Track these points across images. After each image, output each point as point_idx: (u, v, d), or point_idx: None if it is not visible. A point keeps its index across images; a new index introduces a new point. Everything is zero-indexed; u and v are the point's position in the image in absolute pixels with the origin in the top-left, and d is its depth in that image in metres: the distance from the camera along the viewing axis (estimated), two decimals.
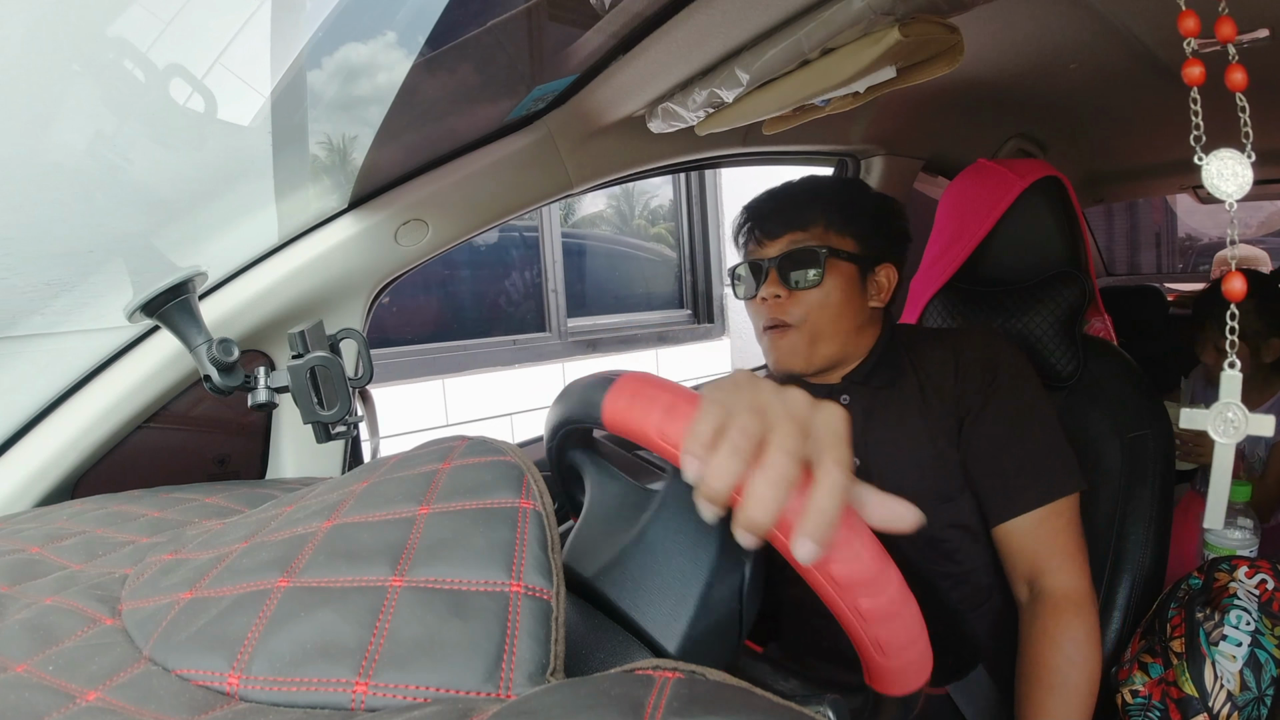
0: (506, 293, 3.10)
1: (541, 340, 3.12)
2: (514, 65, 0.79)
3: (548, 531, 0.37)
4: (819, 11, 0.67)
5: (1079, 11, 0.97)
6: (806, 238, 0.93)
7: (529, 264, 3.13)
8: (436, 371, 2.77)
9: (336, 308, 0.86)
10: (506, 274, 3.10)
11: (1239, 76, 0.45)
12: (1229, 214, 0.46)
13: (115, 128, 0.62)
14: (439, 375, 2.77)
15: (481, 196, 0.91)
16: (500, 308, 3.08)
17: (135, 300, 0.64)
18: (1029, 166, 1.10)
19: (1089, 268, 1.11)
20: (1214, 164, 0.45)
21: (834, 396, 0.97)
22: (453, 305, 2.95)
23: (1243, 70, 0.45)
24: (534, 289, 3.14)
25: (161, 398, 0.78)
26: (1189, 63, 0.45)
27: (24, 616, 0.38)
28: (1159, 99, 1.30)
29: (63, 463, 0.73)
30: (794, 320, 0.93)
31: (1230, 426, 0.42)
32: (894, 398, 0.94)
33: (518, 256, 3.12)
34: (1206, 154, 0.45)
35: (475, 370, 2.87)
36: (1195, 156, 0.45)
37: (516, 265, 3.12)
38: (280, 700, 0.31)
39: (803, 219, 0.94)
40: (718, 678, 0.26)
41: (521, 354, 3.03)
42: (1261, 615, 0.81)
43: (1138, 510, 0.99)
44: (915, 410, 0.93)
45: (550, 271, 3.14)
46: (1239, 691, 0.78)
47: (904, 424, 0.92)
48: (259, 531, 0.41)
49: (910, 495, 0.89)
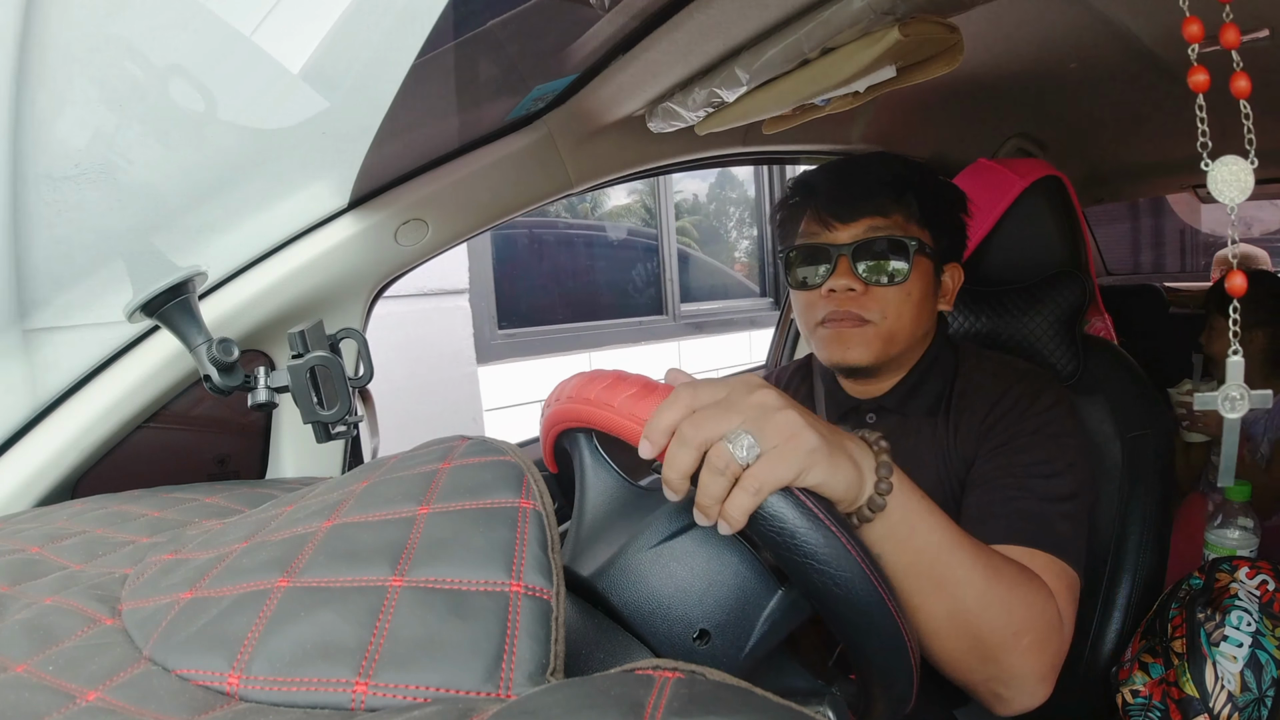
0: (633, 281, 3.92)
1: (660, 322, 3.91)
2: (514, 65, 0.79)
3: (548, 531, 0.37)
4: (819, 11, 0.67)
5: (1079, 11, 0.97)
6: (888, 226, 0.82)
7: (649, 258, 3.96)
8: (581, 346, 3.52)
9: (336, 308, 0.86)
10: (632, 265, 3.94)
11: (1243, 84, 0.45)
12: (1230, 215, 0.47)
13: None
14: (585, 350, 3.54)
15: (481, 196, 0.91)
16: (628, 294, 3.89)
17: (135, 300, 0.64)
18: (1029, 166, 1.10)
19: (1089, 267, 1.11)
20: (1219, 170, 0.45)
21: (861, 415, 0.92)
22: (592, 290, 3.77)
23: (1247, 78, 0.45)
24: (654, 278, 3.95)
25: (161, 398, 0.78)
26: (1194, 70, 0.45)
27: (24, 616, 0.38)
28: (1159, 98, 1.30)
29: (63, 463, 0.73)
30: (873, 317, 0.82)
31: (1235, 404, 0.49)
32: (926, 429, 0.88)
33: (641, 250, 3.95)
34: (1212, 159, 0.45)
35: (610, 346, 3.63)
36: (1202, 163, 0.45)
37: (640, 258, 3.95)
38: (280, 700, 0.31)
39: (882, 204, 0.83)
40: (718, 678, 0.26)
41: (644, 333, 3.80)
42: (1262, 616, 0.81)
43: (1138, 510, 0.99)
44: (944, 446, 0.86)
45: (667, 264, 3.93)
46: (1240, 692, 0.78)
47: (929, 460, 0.86)
48: (259, 531, 0.41)
49: None
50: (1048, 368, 1.04)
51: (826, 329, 0.84)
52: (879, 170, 0.86)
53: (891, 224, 0.82)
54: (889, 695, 0.50)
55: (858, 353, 0.83)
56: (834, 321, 0.83)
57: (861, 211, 0.83)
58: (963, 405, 0.86)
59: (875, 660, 0.48)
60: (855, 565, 0.45)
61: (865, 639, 0.47)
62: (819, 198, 0.85)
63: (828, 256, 0.83)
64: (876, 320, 0.82)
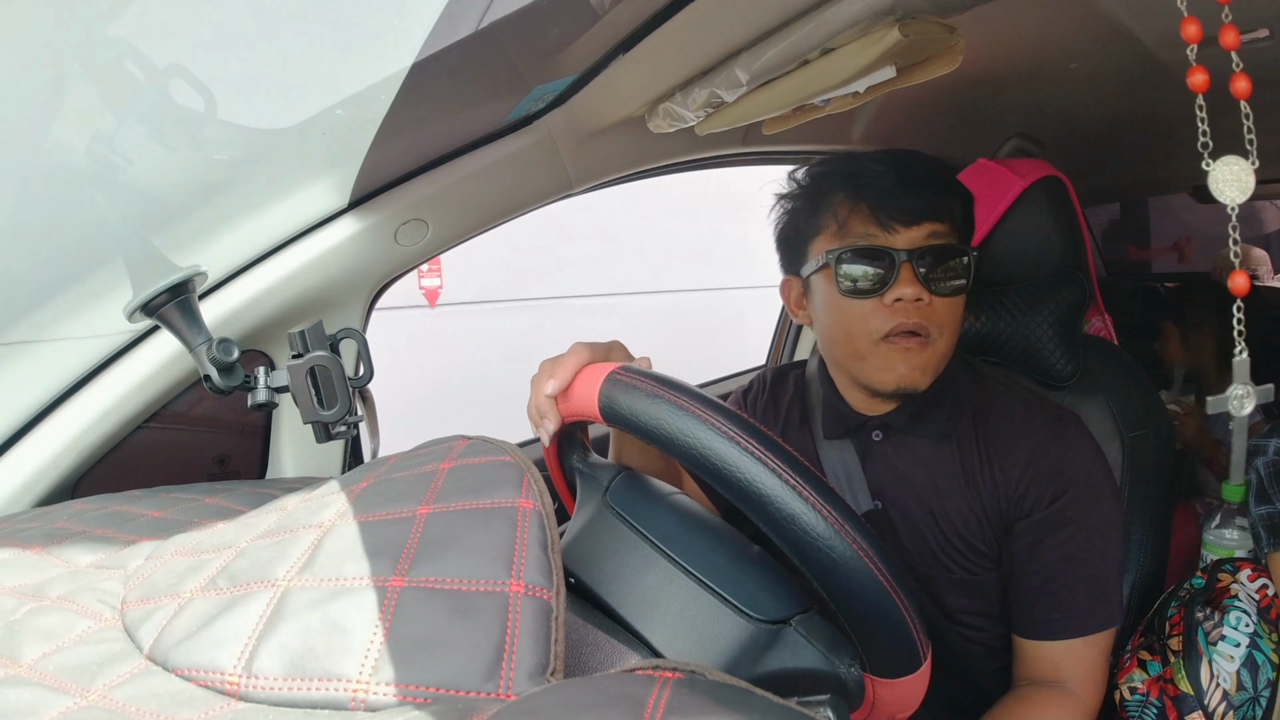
0: None
1: None
2: (514, 65, 0.79)
3: (548, 531, 0.37)
4: (819, 11, 0.67)
5: (1079, 12, 0.97)
6: (945, 232, 0.76)
7: None
8: None
9: (336, 308, 0.86)
10: None
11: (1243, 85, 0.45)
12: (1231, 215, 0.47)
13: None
14: None
15: (481, 196, 0.91)
16: None
17: (135, 300, 0.64)
18: (1029, 166, 1.09)
19: (1089, 267, 1.11)
20: (1220, 170, 0.45)
21: (866, 431, 0.84)
22: None
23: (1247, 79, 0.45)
24: None
25: (161, 398, 0.78)
26: (1193, 70, 0.45)
27: (24, 616, 0.38)
28: (1159, 99, 1.30)
29: (63, 463, 0.73)
30: (934, 330, 0.75)
31: (1242, 402, 0.51)
32: (940, 459, 0.81)
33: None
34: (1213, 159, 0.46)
35: None
36: (1203, 163, 0.45)
37: None
38: (280, 700, 0.31)
39: (941, 209, 0.76)
40: (718, 678, 0.26)
41: None
42: (1260, 620, 0.81)
43: (1138, 510, 0.99)
44: (961, 482, 0.80)
45: None
46: (1235, 691, 0.78)
47: (943, 494, 0.81)
48: (259, 532, 0.41)
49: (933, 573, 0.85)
50: (1047, 368, 1.04)
51: (892, 345, 0.75)
52: (940, 172, 0.80)
53: (947, 230, 0.77)
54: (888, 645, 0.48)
55: (922, 375, 0.76)
56: (903, 337, 0.75)
57: (924, 214, 0.75)
58: (995, 441, 0.81)
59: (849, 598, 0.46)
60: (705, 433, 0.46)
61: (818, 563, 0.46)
62: (873, 193, 0.76)
63: (890, 262, 0.74)
64: (936, 336, 0.76)
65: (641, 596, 0.51)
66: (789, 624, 0.49)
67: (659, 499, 0.57)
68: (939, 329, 0.76)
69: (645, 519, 0.55)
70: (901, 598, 0.46)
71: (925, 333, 0.75)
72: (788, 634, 0.49)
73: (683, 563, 0.51)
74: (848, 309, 0.77)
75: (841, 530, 0.45)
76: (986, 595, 0.83)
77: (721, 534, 0.54)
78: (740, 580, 0.50)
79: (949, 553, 0.82)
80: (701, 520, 0.56)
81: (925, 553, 0.82)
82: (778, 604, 0.50)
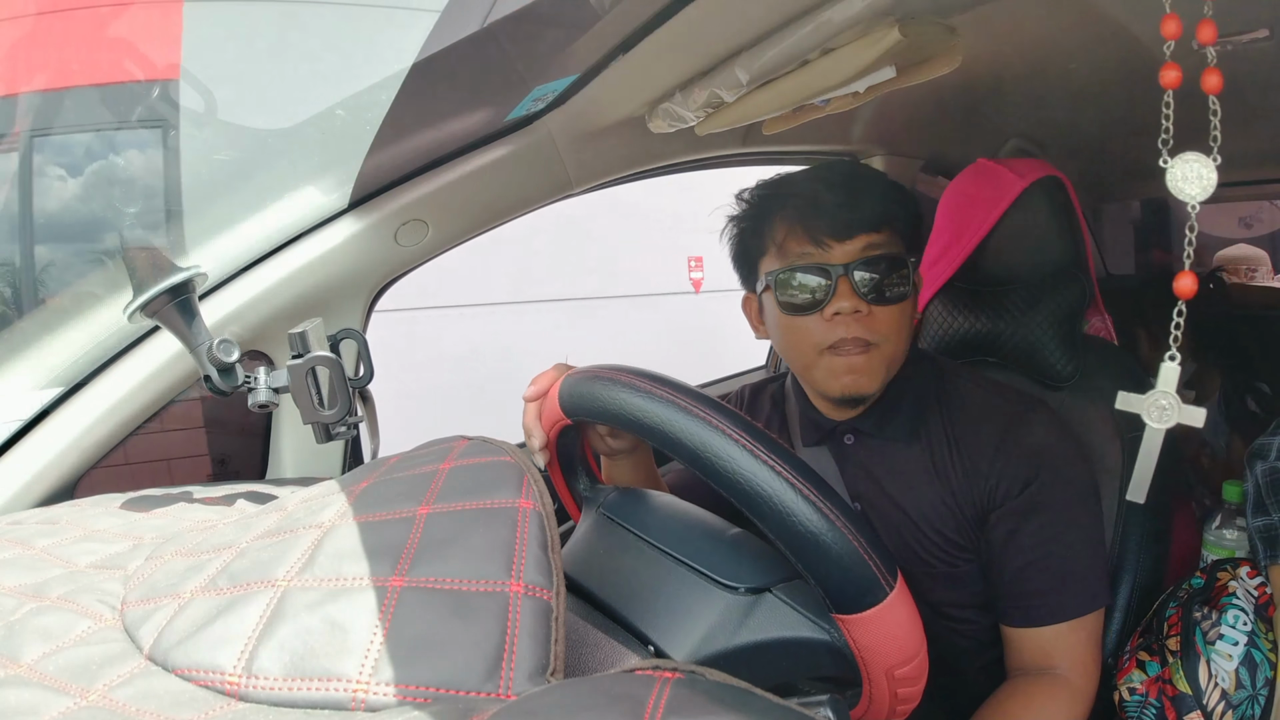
0: None
1: None
2: (514, 65, 0.79)
3: (548, 531, 0.37)
4: (819, 12, 0.67)
5: (1079, 12, 0.97)
6: (882, 242, 0.78)
7: None
8: None
9: (336, 308, 0.86)
10: None
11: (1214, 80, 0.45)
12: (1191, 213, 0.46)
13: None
14: None
15: (481, 196, 0.91)
16: None
17: (135, 300, 0.64)
18: (1029, 166, 1.09)
19: (1089, 267, 1.11)
20: (1179, 168, 0.45)
21: (838, 436, 0.88)
22: None
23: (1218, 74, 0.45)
24: None
25: (161, 398, 0.78)
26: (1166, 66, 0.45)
27: (24, 616, 0.38)
28: (1159, 99, 1.30)
29: (63, 463, 0.73)
30: (878, 339, 0.78)
31: (1163, 413, 0.46)
32: (909, 457, 0.84)
33: None
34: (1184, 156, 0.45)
35: None
36: (1160, 160, 0.45)
37: None
38: (280, 700, 0.31)
39: (875, 219, 0.78)
40: (718, 678, 0.26)
41: None
42: (1257, 618, 0.81)
43: (1138, 511, 0.99)
44: (932, 478, 0.83)
45: None
46: (1234, 690, 0.78)
47: (915, 491, 0.83)
48: (259, 531, 0.41)
49: (912, 568, 0.86)
50: (1047, 368, 1.04)
51: (836, 356, 0.78)
52: (872, 184, 0.82)
53: (884, 240, 0.78)
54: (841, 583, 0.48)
55: (868, 380, 0.79)
56: (844, 346, 0.78)
57: (859, 227, 0.77)
58: (963, 433, 0.83)
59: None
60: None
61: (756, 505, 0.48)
62: (807, 211, 0.79)
63: (826, 277, 0.77)
64: (881, 343, 0.78)
65: (631, 584, 0.54)
66: (770, 591, 0.51)
67: (646, 500, 0.62)
68: (882, 337, 0.78)
69: (633, 518, 0.59)
70: (834, 512, 0.47)
71: (864, 342, 0.78)
72: (768, 599, 0.51)
73: (667, 549, 0.55)
74: (792, 325, 0.80)
75: (753, 450, 0.47)
76: (970, 586, 0.85)
77: (702, 520, 0.59)
78: (720, 557, 0.53)
79: (927, 548, 0.84)
80: (683, 511, 0.61)
81: (904, 550, 0.84)
82: (757, 574, 0.52)
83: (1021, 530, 0.80)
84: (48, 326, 0.74)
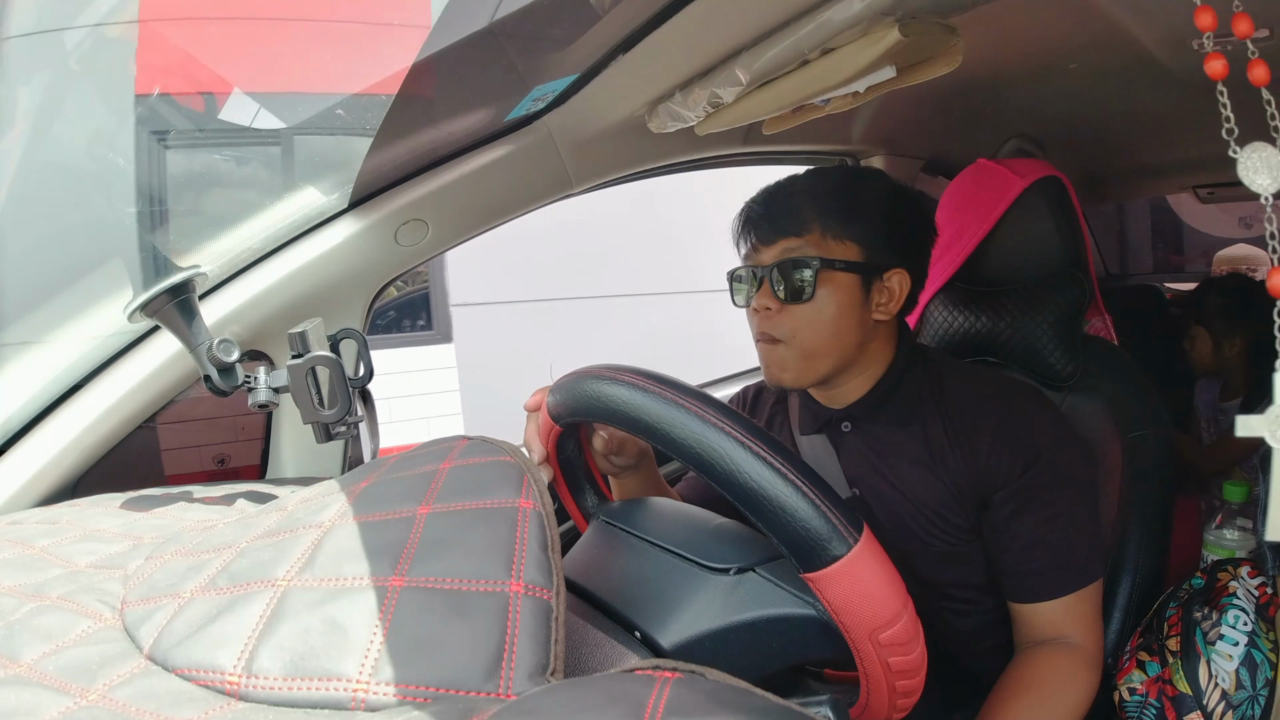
0: None
1: None
2: (514, 65, 0.79)
3: (548, 531, 0.37)
4: (819, 11, 0.67)
5: (1079, 12, 0.97)
6: (801, 245, 0.84)
7: None
8: None
9: (336, 308, 0.86)
10: None
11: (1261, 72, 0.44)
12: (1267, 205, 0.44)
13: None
14: None
15: (481, 196, 0.91)
16: None
17: (135, 300, 0.64)
18: (1029, 166, 1.09)
19: (1089, 267, 1.11)
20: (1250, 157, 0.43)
21: (835, 424, 0.91)
22: None
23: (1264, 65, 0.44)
24: None
25: (161, 397, 0.78)
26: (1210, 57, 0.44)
27: (24, 616, 0.38)
28: (1159, 99, 1.30)
29: (63, 463, 0.73)
30: (783, 335, 0.85)
31: None
32: (905, 442, 0.87)
33: None
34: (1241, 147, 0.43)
35: None
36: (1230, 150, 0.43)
37: None
38: (280, 699, 0.31)
39: (796, 224, 0.85)
40: (717, 678, 0.26)
41: None
42: (1258, 618, 0.81)
43: (1138, 511, 0.99)
44: (928, 462, 0.86)
45: None
46: (1234, 690, 0.78)
47: (912, 474, 0.86)
48: (259, 532, 0.41)
49: (912, 547, 0.89)
50: (1047, 368, 1.04)
51: (759, 348, 0.88)
52: (796, 191, 0.88)
53: (805, 243, 0.84)
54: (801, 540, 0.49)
55: (778, 373, 0.87)
56: (761, 341, 0.87)
57: (778, 233, 0.85)
58: (958, 420, 0.86)
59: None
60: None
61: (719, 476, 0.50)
62: (749, 222, 0.89)
63: (753, 277, 0.87)
64: (786, 339, 0.85)
65: (622, 576, 0.57)
66: (754, 570, 0.54)
67: (642, 503, 0.66)
68: (787, 333, 0.85)
69: (627, 519, 0.63)
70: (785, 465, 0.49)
71: (773, 338, 0.86)
72: (752, 578, 0.54)
73: (656, 540, 0.58)
74: (745, 318, 0.92)
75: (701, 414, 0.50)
76: (971, 565, 0.88)
77: (691, 513, 0.63)
78: (705, 543, 0.57)
79: (925, 527, 0.86)
80: (674, 508, 0.65)
81: (903, 529, 0.87)
82: (740, 556, 0.55)
83: (1025, 510, 0.83)
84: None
